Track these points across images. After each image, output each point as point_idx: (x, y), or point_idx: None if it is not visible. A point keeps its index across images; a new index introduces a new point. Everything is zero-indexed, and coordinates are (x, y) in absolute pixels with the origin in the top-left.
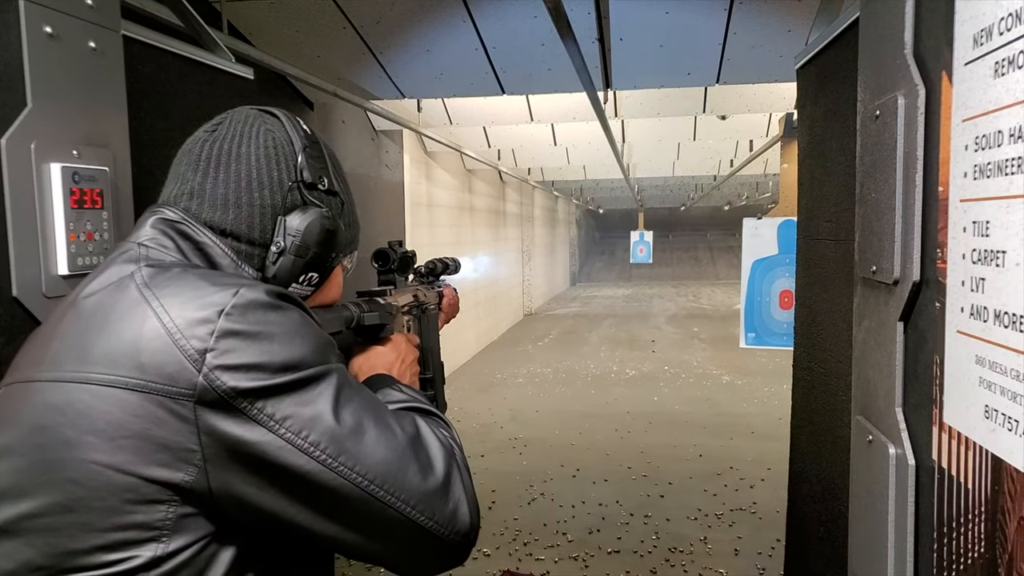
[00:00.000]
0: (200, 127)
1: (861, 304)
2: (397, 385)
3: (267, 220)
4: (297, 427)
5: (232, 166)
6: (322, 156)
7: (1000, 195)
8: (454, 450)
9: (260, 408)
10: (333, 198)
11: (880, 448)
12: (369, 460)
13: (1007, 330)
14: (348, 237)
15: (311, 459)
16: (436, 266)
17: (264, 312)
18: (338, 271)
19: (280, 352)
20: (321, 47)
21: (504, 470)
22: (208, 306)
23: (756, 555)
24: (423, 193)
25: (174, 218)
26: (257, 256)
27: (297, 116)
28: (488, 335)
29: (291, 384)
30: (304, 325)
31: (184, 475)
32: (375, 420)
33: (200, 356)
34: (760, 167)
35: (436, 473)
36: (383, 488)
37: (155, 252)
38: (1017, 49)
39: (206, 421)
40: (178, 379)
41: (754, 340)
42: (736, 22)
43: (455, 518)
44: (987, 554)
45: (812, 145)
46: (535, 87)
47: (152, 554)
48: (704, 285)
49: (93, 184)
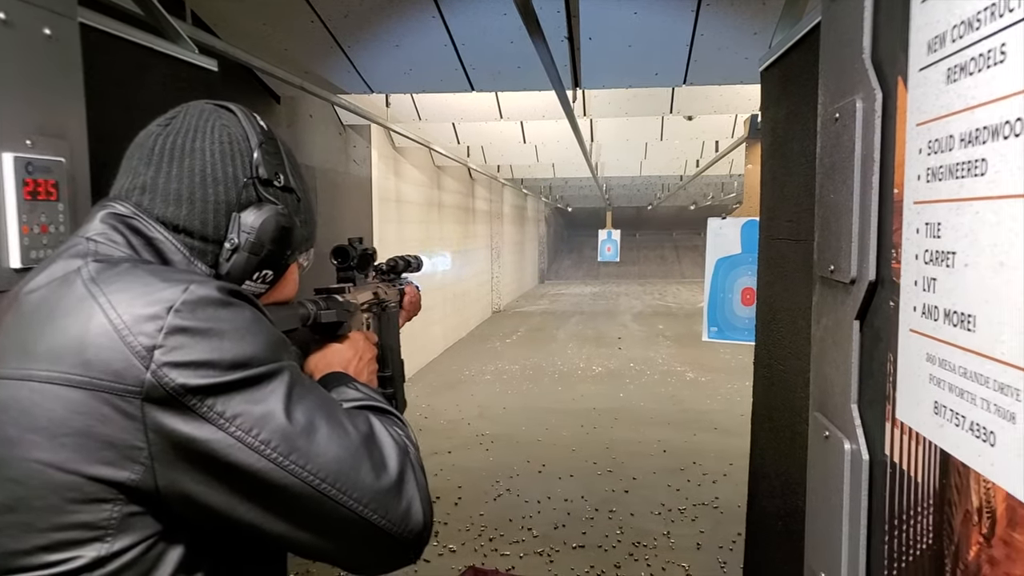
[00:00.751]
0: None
1: (819, 303)
2: (353, 383)
3: (221, 216)
4: (248, 425)
5: (186, 161)
6: (278, 152)
7: (951, 198)
8: (408, 448)
9: (210, 406)
10: (289, 195)
11: (836, 443)
12: (321, 458)
13: (956, 329)
14: (304, 234)
15: (262, 457)
16: (398, 263)
17: (214, 309)
18: (293, 268)
19: (230, 349)
20: (288, 40)
21: (471, 466)
22: (157, 302)
23: (718, 549)
24: (391, 189)
25: (125, 212)
26: (211, 253)
27: (254, 112)
28: (456, 332)
29: (242, 381)
30: (256, 322)
31: (130, 473)
32: (327, 418)
33: (148, 353)
34: (725, 168)
35: (389, 471)
36: (335, 487)
37: (104, 247)
38: (969, 56)
39: (154, 418)
40: (125, 376)
41: (716, 334)
42: (703, 24)
43: (408, 516)
44: (935, 545)
45: (774, 146)
46: (504, 84)
47: (96, 554)
48: (670, 283)
49: (48, 175)
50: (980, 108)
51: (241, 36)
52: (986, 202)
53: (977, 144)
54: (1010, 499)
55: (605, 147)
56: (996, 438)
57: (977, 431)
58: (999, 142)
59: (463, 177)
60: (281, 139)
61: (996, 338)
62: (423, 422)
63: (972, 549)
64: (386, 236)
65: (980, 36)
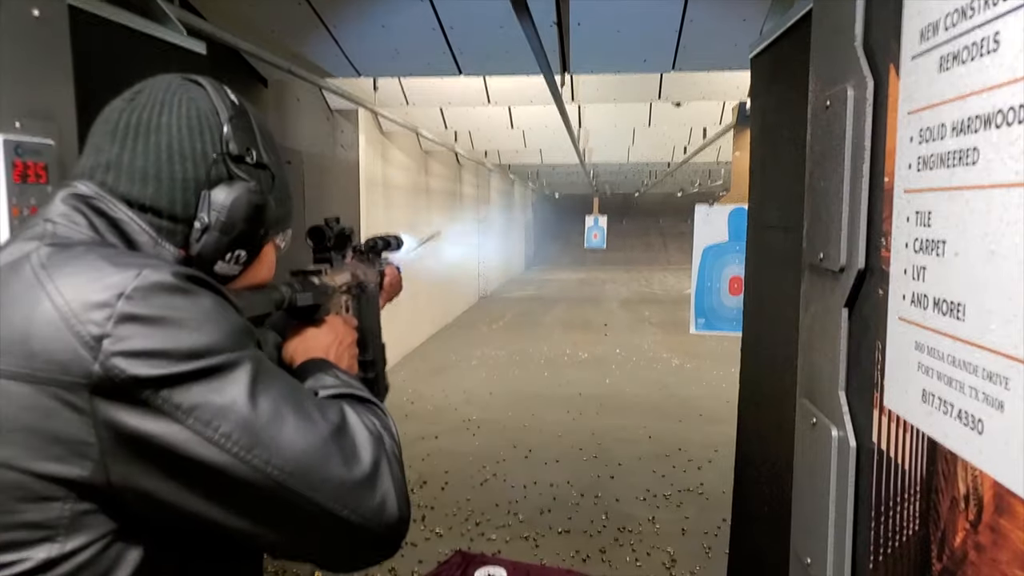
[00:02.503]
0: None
1: (808, 290)
2: (332, 370)
3: (190, 194)
4: (207, 417)
5: (152, 137)
6: (250, 128)
7: (942, 186)
8: (383, 439)
9: (165, 398)
10: (262, 172)
11: (823, 430)
12: (287, 452)
13: (945, 317)
14: (280, 214)
15: (222, 451)
16: (377, 243)
17: (169, 295)
18: (269, 249)
19: (187, 338)
20: (275, 22)
21: (457, 451)
22: (107, 288)
23: (703, 534)
24: (379, 173)
25: (87, 193)
26: (180, 233)
27: (225, 86)
28: (443, 317)
29: (199, 372)
30: (215, 310)
31: (80, 470)
32: (295, 409)
33: (96, 342)
34: (713, 155)
35: (362, 464)
36: (302, 482)
37: (63, 229)
38: (961, 44)
39: (104, 412)
40: (71, 367)
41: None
42: (692, 9)
43: (382, 510)
44: (921, 531)
45: (764, 134)
46: (492, 68)
47: (46, 555)
48: (656, 270)
49: (38, 157)
50: (972, 97)
51: (228, 18)
52: (977, 191)
53: (969, 133)
54: (997, 486)
55: (593, 133)
56: (984, 426)
57: (965, 419)
58: (991, 131)
59: (450, 162)
60: (255, 113)
61: (985, 327)
62: (409, 407)
63: (959, 535)
64: (373, 221)
65: (974, 24)
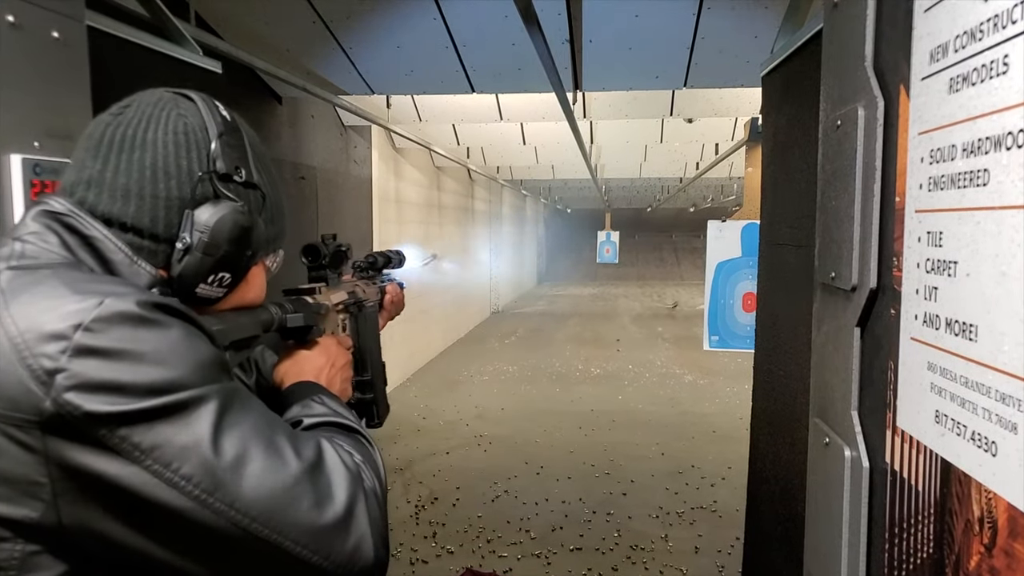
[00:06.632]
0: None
1: (820, 309)
2: (321, 396)
3: (173, 213)
4: (167, 459)
5: (135, 153)
6: (242, 145)
7: (953, 207)
8: (361, 477)
9: (123, 437)
10: (252, 191)
11: (836, 450)
12: (251, 495)
13: (957, 338)
14: (269, 235)
15: (182, 494)
16: (377, 260)
17: (132, 327)
18: (258, 271)
19: (148, 373)
20: (290, 41)
21: (468, 467)
22: (64, 318)
23: (716, 553)
24: (391, 189)
25: (60, 210)
26: (161, 253)
27: (217, 101)
28: (455, 332)
29: (160, 409)
30: (182, 342)
31: (29, 511)
32: (265, 447)
33: (48, 377)
34: (725, 170)
35: (335, 504)
36: (267, 526)
37: (32, 248)
38: (971, 66)
39: (56, 451)
40: (22, 404)
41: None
42: (704, 26)
43: (356, 555)
44: (935, 554)
45: (775, 152)
46: (505, 86)
47: None
48: (669, 285)
49: (55, 176)
50: (982, 118)
51: (244, 37)
52: (988, 212)
53: (979, 154)
54: (1011, 509)
55: (605, 149)
56: (998, 448)
57: (979, 441)
58: (1001, 153)
59: (463, 178)
60: (247, 130)
61: (998, 348)
62: (421, 423)
63: (973, 559)
64: (386, 236)
65: (983, 47)
